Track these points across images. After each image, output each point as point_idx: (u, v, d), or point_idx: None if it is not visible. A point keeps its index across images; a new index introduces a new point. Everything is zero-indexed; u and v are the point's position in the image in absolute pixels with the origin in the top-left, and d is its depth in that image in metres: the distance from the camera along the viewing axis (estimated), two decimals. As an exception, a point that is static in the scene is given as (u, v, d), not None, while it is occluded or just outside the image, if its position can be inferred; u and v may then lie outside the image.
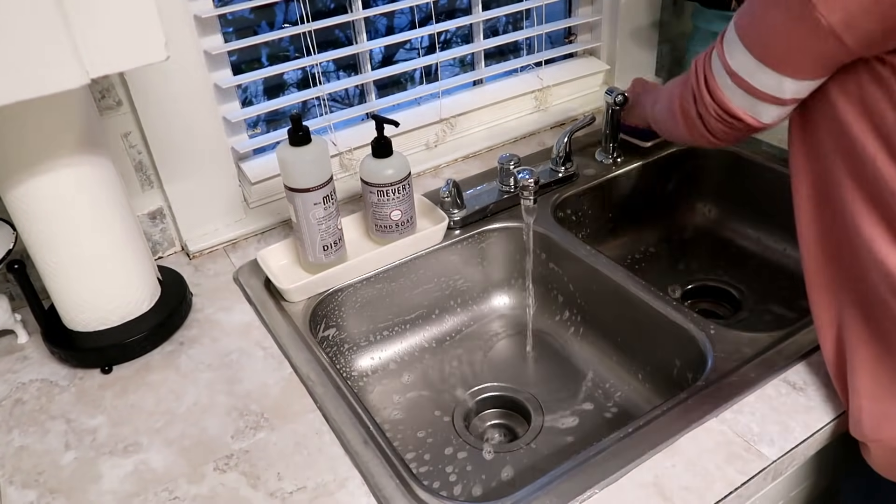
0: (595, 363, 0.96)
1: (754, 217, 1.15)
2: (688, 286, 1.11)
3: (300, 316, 0.85)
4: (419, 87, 1.17)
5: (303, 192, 0.83)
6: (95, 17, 0.59)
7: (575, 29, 1.30)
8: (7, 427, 0.74)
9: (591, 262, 0.92)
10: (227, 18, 1.00)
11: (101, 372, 0.79)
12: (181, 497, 0.65)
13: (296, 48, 1.05)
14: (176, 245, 0.99)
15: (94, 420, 0.74)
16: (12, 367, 0.82)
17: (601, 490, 0.62)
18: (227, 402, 0.75)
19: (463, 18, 1.14)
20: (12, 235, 0.79)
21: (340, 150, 1.06)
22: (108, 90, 0.86)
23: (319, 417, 0.72)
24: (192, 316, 0.87)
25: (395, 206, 0.90)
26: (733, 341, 0.77)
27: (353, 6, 1.03)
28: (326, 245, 0.88)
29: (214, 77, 0.94)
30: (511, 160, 1.02)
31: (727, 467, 0.63)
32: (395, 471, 0.65)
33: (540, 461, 0.84)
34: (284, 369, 0.78)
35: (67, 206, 0.73)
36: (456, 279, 1.01)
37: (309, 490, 0.65)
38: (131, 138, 0.90)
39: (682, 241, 1.20)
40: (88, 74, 0.60)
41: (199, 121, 0.92)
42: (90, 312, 0.79)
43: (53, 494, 0.66)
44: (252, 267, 0.93)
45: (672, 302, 0.84)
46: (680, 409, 0.70)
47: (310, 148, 0.82)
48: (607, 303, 0.92)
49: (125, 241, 0.79)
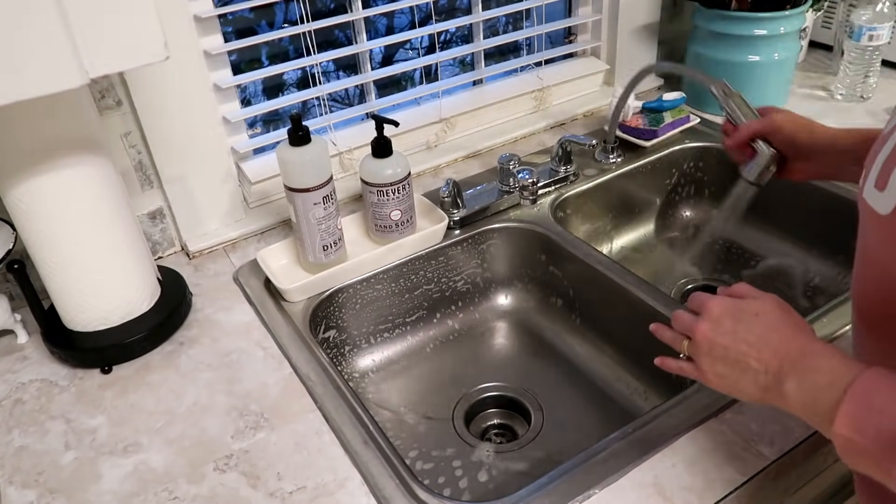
0: (595, 363, 0.96)
1: (754, 217, 1.15)
2: (688, 286, 1.11)
3: (300, 316, 0.85)
4: (419, 87, 1.17)
5: (303, 192, 0.83)
6: (95, 17, 0.59)
7: (575, 29, 1.30)
8: (7, 427, 0.74)
9: (590, 262, 0.92)
10: (227, 18, 1.00)
11: (101, 372, 0.79)
12: (181, 497, 0.65)
13: (296, 48, 1.05)
14: (176, 245, 0.99)
15: (94, 420, 0.74)
16: (12, 367, 0.82)
17: (601, 490, 0.62)
18: (227, 402, 0.75)
19: (463, 18, 1.14)
20: (12, 235, 0.79)
21: (340, 150, 1.06)
22: (108, 90, 0.86)
23: (319, 417, 0.72)
24: (191, 316, 0.87)
25: (394, 206, 0.90)
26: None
27: (353, 6, 1.03)
28: (326, 245, 0.88)
29: (214, 77, 0.94)
30: (511, 160, 1.02)
31: (727, 467, 0.63)
32: (395, 471, 0.65)
33: (540, 461, 0.84)
34: (284, 369, 0.78)
35: (67, 206, 0.73)
36: (456, 279, 1.01)
37: (309, 490, 0.65)
38: (131, 138, 0.90)
39: (682, 241, 1.20)
40: (88, 74, 0.60)
41: (199, 121, 0.92)
42: (90, 312, 0.79)
43: (53, 494, 0.66)
44: (252, 267, 0.93)
45: (672, 302, 0.84)
46: (680, 409, 0.70)
47: (310, 148, 0.82)
48: (607, 302, 0.92)
49: (125, 241, 0.79)
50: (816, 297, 1.05)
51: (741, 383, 0.54)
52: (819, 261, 1.07)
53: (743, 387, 0.54)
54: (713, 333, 0.55)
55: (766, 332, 0.53)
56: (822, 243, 1.07)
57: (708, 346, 0.55)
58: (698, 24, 1.19)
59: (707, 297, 0.58)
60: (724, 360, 0.54)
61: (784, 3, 1.13)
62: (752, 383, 0.53)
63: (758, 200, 1.13)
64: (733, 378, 0.54)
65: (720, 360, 0.54)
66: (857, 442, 0.44)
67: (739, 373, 0.53)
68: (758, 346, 0.52)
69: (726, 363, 0.54)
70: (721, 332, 0.55)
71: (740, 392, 0.55)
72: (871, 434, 0.43)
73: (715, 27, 1.16)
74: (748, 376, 0.53)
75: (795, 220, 1.09)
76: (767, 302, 0.55)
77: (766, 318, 0.54)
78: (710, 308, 0.56)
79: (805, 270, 1.08)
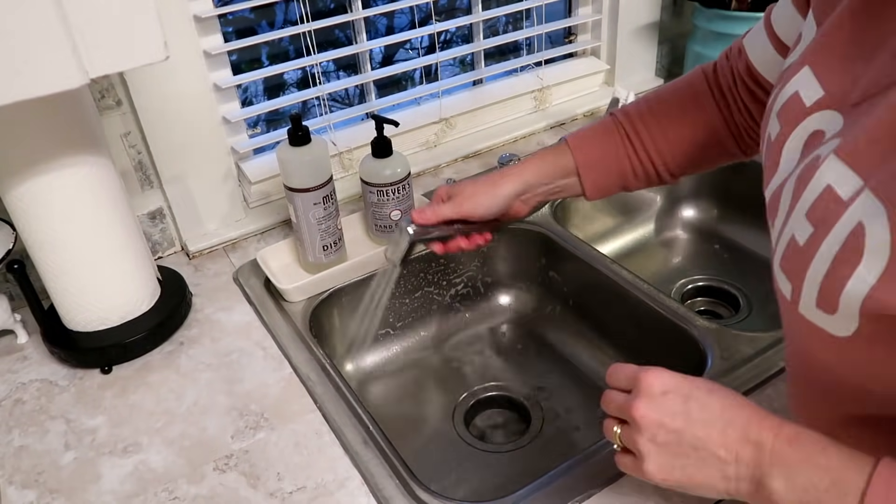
0: (595, 363, 0.96)
1: (755, 217, 1.15)
2: (688, 286, 1.11)
3: (300, 316, 0.85)
4: (419, 87, 1.17)
5: (303, 192, 0.83)
6: (95, 17, 0.59)
7: (575, 29, 1.30)
8: (7, 427, 0.74)
9: (591, 262, 0.92)
10: (227, 18, 1.00)
11: (101, 372, 0.79)
12: (181, 497, 0.65)
13: (296, 48, 1.05)
14: (176, 245, 0.99)
15: (94, 420, 0.74)
16: (12, 367, 0.82)
17: (601, 490, 0.62)
18: (227, 402, 0.75)
19: (463, 18, 1.14)
20: (12, 235, 0.79)
21: (340, 150, 1.06)
22: (108, 90, 0.86)
23: (319, 417, 0.72)
24: (191, 316, 0.87)
25: (394, 206, 0.90)
26: (733, 341, 0.77)
27: (353, 6, 1.03)
28: (326, 245, 0.87)
29: (214, 77, 0.94)
30: (511, 160, 1.01)
31: (727, 467, 0.63)
32: (395, 471, 0.65)
33: (540, 461, 0.84)
34: (284, 369, 0.78)
35: (67, 206, 0.73)
36: (456, 279, 1.01)
37: (309, 490, 0.65)
38: (131, 138, 0.90)
39: (683, 241, 1.20)
40: (88, 74, 0.60)
41: (199, 121, 0.92)
42: (90, 312, 0.79)
43: (53, 494, 0.66)
44: (252, 267, 0.93)
45: (672, 302, 0.84)
46: (680, 409, 0.69)
47: (309, 148, 0.82)
48: (607, 302, 0.92)
49: (125, 241, 0.79)
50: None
51: (699, 477, 0.43)
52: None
53: (702, 481, 0.43)
54: (657, 413, 0.44)
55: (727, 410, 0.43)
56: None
57: (651, 430, 0.44)
58: (698, 24, 1.19)
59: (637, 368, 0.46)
60: (675, 448, 0.44)
61: (784, 3, 1.13)
62: (718, 477, 0.42)
63: (758, 200, 1.13)
64: (688, 472, 0.43)
65: (668, 448, 0.44)
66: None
67: (696, 464, 0.43)
68: (720, 428, 0.42)
69: (677, 453, 0.44)
70: (667, 411, 0.44)
71: (697, 487, 0.44)
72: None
73: (715, 27, 1.16)
74: (710, 468, 0.43)
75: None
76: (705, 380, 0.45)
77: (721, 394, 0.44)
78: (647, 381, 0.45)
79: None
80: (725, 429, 0.42)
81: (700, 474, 0.43)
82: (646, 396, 0.44)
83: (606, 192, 0.71)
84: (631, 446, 0.46)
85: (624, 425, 0.47)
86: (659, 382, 0.45)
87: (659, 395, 0.44)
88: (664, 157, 0.68)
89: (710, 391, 0.44)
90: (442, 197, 0.71)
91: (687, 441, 0.43)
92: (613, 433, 0.47)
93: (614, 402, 0.47)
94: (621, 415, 0.47)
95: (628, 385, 0.47)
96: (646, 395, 0.45)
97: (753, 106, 0.64)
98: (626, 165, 0.69)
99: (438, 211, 0.69)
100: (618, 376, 0.48)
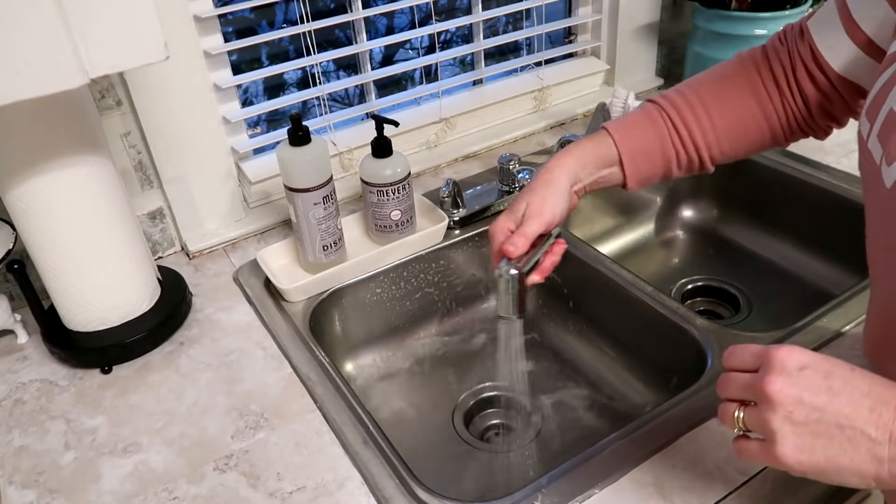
0: (595, 363, 0.96)
1: (755, 217, 1.15)
2: (688, 286, 1.11)
3: (300, 316, 0.85)
4: (419, 87, 1.17)
5: (303, 192, 0.83)
6: (95, 18, 0.59)
7: (575, 29, 1.30)
8: (7, 427, 0.74)
9: (590, 262, 0.92)
10: (227, 18, 1.00)
11: (101, 372, 0.79)
12: (181, 497, 0.65)
13: (296, 48, 1.05)
14: (176, 245, 0.99)
15: (94, 420, 0.74)
16: (12, 367, 0.82)
17: (601, 490, 0.62)
18: (227, 402, 0.75)
19: (463, 18, 1.14)
20: (12, 235, 0.79)
21: (340, 150, 1.06)
22: (108, 90, 0.86)
23: (319, 417, 0.72)
24: (191, 316, 0.87)
25: (394, 206, 0.90)
26: (733, 341, 0.77)
27: (353, 6, 1.03)
28: (326, 245, 0.88)
29: (214, 77, 0.94)
30: (511, 160, 1.01)
31: (727, 467, 0.63)
32: (395, 471, 0.65)
33: (540, 461, 0.84)
34: (284, 369, 0.78)
35: (67, 206, 0.73)
36: (456, 279, 1.01)
37: (309, 490, 0.65)
38: (131, 138, 0.90)
39: (683, 241, 1.20)
40: (88, 74, 0.60)
41: (199, 121, 0.92)
42: (90, 312, 0.79)
43: (53, 494, 0.66)
44: (252, 267, 0.93)
45: (672, 302, 0.84)
46: (680, 409, 0.69)
47: (309, 148, 0.82)
48: (607, 302, 0.92)
49: (125, 241, 0.79)
50: (817, 297, 1.05)
51: (843, 459, 0.39)
52: (820, 261, 1.07)
53: (846, 464, 0.39)
54: (795, 388, 0.40)
55: (876, 387, 0.39)
56: (824, 244, 1.07)
57: (788, 406, 0.40)
58: (698, 23, 1.19)
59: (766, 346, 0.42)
60: (815, 426, 0.39)
61: (784, 3, 1.13)
62: (867, 458, 0.38)
63: (758, 200, 1.13)
64: (831, 453, 0.39)
65: (808, 427, 0.39)
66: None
67: (842, 445, 0.39)
68: (870, 406, 0.38)
69: (818, 432, 0.39)
70: (806, 385, 0.40)
71: (840, 472, 0.40)
72: None
73: (715, 27, 1.16)
74: (859, 449, 0.38)
75: (796, 220, 1.09)
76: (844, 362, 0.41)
77: (865, 372, 0.40)
78: (780, 358, 0.41)
79: (806, 271, 1.08)
80: (877, 407, 0.38)
81: (845, 456, 0.39)
82: (780, 372, 0.40)
83: (648, 181, 0.69)
84: (759, 428, 0.42)
85: (748, 407, 0.42)
86: (794, 358, 0.41)
87: (795, 370, 0.40)
88: (710, 145, 0.67)
89: (853, 369, 0.40)
90: (509, 226, 0.65)
91: (831, 419, 0.39)
92: (734, 418, 0.43)
93: (737, 382, 0.43)
94: (747, 394, 0.42)
95: (755, 363, 0.42)
96: (780, 370, 0.40)
97: (812, 91, 0.63)
98: (672, 154, 0.67)
99: (526, 232, 0.62)
100: (741, 356, 0.44)
